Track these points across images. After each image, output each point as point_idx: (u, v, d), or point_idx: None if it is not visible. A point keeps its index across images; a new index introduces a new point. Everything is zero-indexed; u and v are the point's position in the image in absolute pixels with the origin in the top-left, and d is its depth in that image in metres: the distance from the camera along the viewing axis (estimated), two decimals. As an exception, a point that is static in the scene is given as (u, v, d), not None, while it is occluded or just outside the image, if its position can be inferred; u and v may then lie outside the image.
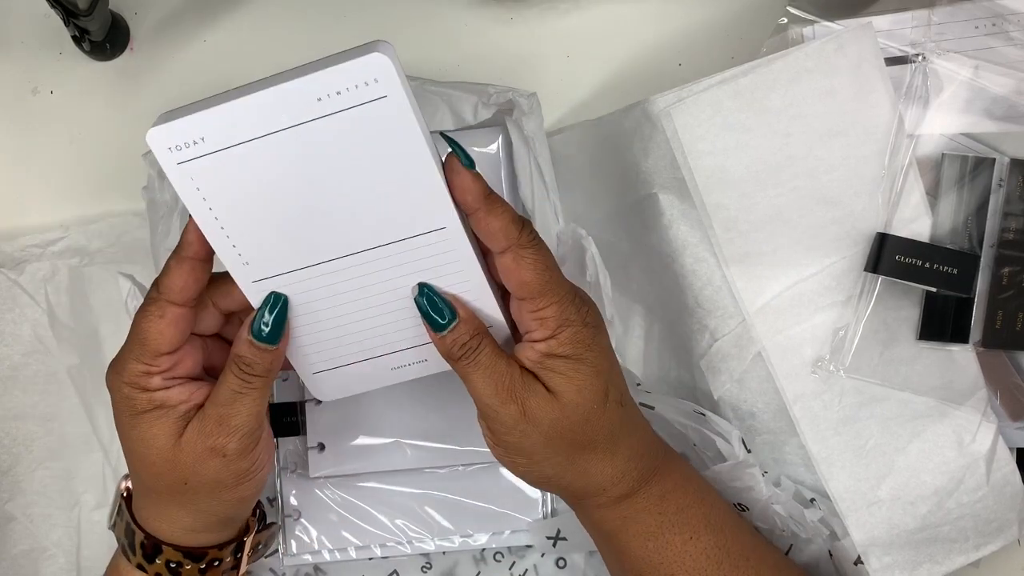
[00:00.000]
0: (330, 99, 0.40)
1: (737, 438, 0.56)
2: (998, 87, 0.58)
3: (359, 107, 0.41)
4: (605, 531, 0.51)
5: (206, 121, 0.41)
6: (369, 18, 0.67)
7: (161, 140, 0.41)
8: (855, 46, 0.55)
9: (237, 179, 0.42)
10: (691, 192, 0.55)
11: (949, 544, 0.57)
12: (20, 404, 0.63)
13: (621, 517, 0.50)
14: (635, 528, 0.50)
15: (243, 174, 0.42)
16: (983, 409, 0.57)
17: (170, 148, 0.41)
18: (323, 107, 0.41)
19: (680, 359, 0.61)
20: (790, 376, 0.56)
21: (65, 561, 0.62)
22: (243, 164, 0.42)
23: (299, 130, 0.41)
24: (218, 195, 0.43)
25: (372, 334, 0.48)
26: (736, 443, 0.56)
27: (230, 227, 0.44)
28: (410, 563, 0.63)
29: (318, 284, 0.46)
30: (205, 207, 0.43)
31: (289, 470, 0.63)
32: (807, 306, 0.56)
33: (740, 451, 0.56)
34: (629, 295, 0.63)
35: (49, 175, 0.66)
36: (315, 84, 0.40)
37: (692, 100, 0.55)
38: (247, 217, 0.43)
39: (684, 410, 0.58)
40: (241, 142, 0.41)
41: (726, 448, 0.56)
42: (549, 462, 0.47)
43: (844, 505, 0.56)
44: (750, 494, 0.56)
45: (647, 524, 0.50)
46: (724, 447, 0.56)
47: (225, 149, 0.41)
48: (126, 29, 0.66)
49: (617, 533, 0.50)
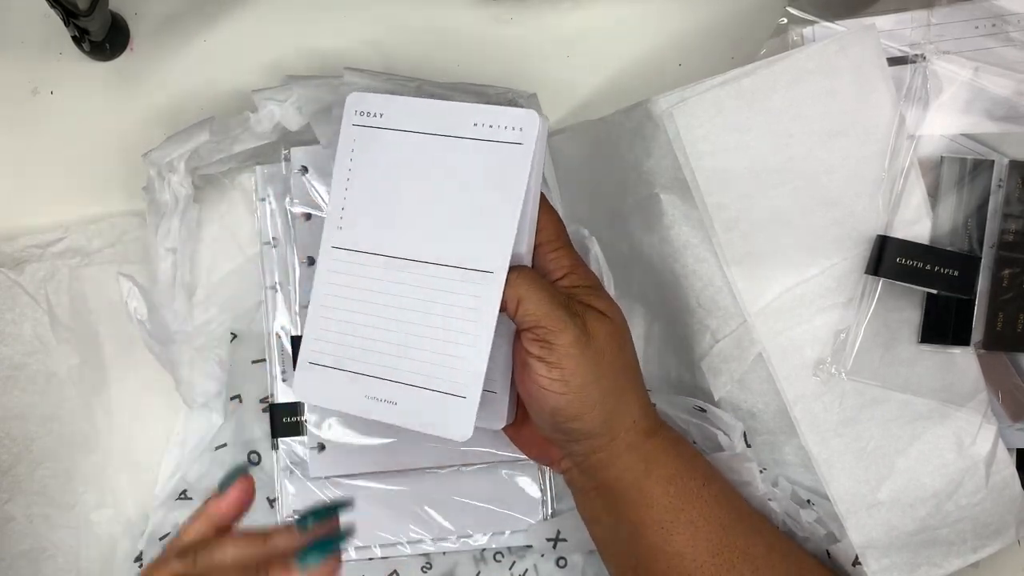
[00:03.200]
0: (482, 127, 0.49)
1: (739, 432, 0.56)
2: (998, 88, 0.58)
3: (497, 143, 0.49)
4: (626, 484, 0.51)
5: (391, 104, 0.51)
6: (369, 18, 0.67)
7: (356, 103, 0.52)
8: (857, 47, 0.55)
9: (382, 156, 0.51)
10: (692, 192, 0.55)
11: (947, 546, 0.57)
12: (20, 404, 0.63)
13: (645, 460, 0.51)
14: (658, 471, 0.51)
15: (387, 155, 0.51)
16: (983, 411, 0.57)
17: (357, 111, 0.51)
18: (474, 131, 0.49)
19: (681, 359, 0.61)
20: (791, 377, 0.56)
21: (65, 561, 0.62)
22: (392, 146, 0.51)
23: (447, 140, 0.50)
24: (362, 160, 0.51)
25: (373, 347, 0.51)
26: (737, 438, 0.56)
27: (352, 191, 0.51)
28: (410, 563, 0.63)
29: (371, 275, 0.51)
30: (347, 165, 0.52)
31: (289, 470, 0.63)
32: (808, 307, 0.56)
33: (740, 445, 0.56)
34: (630, 295, 0.63)
35: (49, 175, 0.66)
36: (480, 112, 0.49)
37: (694, 100, 0.55)
38: (366, 190, 0.51)
39: (685, 406, 0.59)
40: (403, 129, 0.50)
41: (726, 442, 0.56)
42: (598, 385, 0.49)
43: (844, 507, 0.56)
44: (747, 489, 0.56)
45: (668, 467, 0.51)
46: (724, 441, 0.56)
47: (389, 129, 0.51)
48: (126, 29, 0.66)
49: (640, 482, 0.51)
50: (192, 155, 0.61)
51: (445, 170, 0.50)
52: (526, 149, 0.48)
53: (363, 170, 0.51)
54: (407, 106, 0.51)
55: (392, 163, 0.51)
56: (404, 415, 0.50)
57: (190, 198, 0.62)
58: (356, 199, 0.52)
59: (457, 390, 0.49)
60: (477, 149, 0.49)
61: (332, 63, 0.67)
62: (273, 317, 0.63)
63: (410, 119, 0.51)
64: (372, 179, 0.51)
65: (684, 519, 0.51)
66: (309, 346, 0.52)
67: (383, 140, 0.51)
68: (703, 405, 0.58)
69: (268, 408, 0.63)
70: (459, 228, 0.49)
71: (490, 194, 0.49)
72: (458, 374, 0.49)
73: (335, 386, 0.51)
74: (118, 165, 0.66)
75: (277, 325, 0.63)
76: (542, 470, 0.63)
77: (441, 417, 0.49)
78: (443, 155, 0.50)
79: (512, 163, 0.49)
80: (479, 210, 0.49)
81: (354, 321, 0.51)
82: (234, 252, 0.65)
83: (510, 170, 0.49)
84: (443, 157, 0.50)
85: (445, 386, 0.49)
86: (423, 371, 0.49)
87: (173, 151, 0.60)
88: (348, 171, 0.52)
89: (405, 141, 0.51)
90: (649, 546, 0.51)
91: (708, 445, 0.58)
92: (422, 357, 0.49)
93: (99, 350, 0.64)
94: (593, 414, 0.49)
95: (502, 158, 0.49)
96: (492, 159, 0.49)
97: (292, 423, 0.62)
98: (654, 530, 0.51)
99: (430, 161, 0.50)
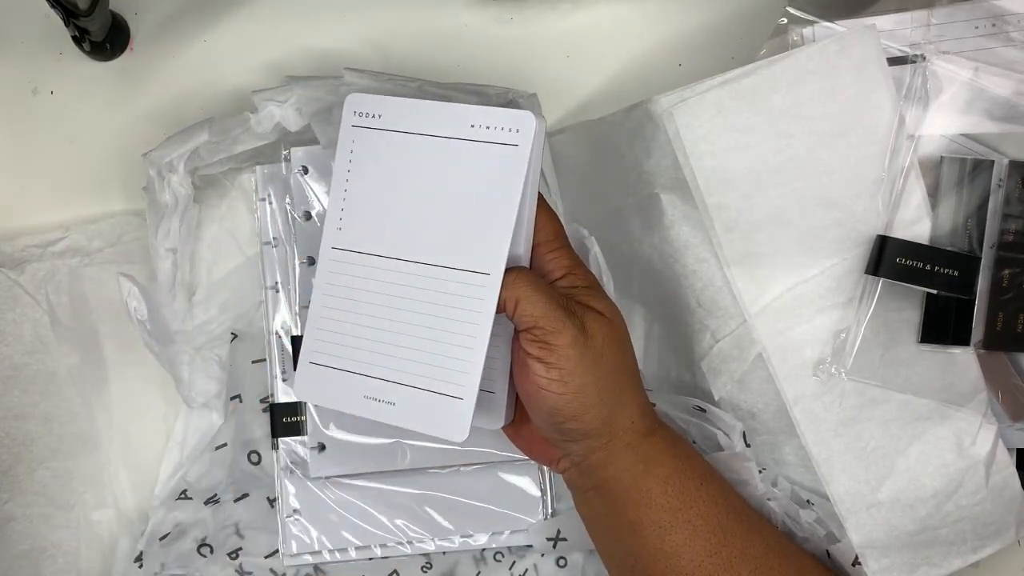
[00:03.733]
0: (479, 129, 0.49)
1: (738, 432, 0.56)
2: (998, 88, 0.58)
3: (494, 145, 0.49)
4: (625, 484, 0.51)
5: (389, 105, 0.51)
6: (369, 18, 0.67)
7: (354, 104, 0.52)
8: (858, 47, 0.55)
9: (380, 157, 0.51)
10: (693, 192, 0.55)
11: (947, 547, 0.57)
12: (20, 404, 0.63)
13: (643, 460, 0.51)
14: (657, 471, 0.51)
15: (385, 156, 0.51)
16: (983, 411, 0.57)
17: (356, 112, 0.52)
18: (471, 132, 0.49)
19: (681, 359, 0.61)
20: (791, 377, 0.56)
21: (65, 561, 0.62)
22: (390, 148, 0.51)
23: (444, 141, 0.50)
24: (361, 162, 0.52)
25: (372, 347, 0.51)
26: (736, 438, 0.56)
27: (351, 192, 0.52)
28: (410, 563, 0.63)
29: (371, 275, 0.51)
30: (346, 166, 0.52)
31: (289, 470, 0.63)
32: (808, 307, 0.56)
33: (739, 444, 0.56)
34: (630, 295, 0.63)
35: (49, 175, 0.66)
36: (476, 113, 0.49)
37: (695, 100, 0.55)
38: (365, 191, 0.51)
39: (684, 406, 0.59)
40: (401, 130, 0.51)
41: (726, 442, 0.56)
42: (596, 385, 0.49)
43: (844, 507, 0.56)
44: (745, 488, 0.56)
45: (666, 466, 0.51)
46: (724, 440, 0.56)
47: (388, 130, 0.51)
48: (126, 29, 0.66)
49: (638, 481, 0.51)
50: (192, 155, 0.61)
51: (442, 171, 0.50)
52: (522, 150, 0.48)
53: (362, 171, 0.52)
54: (404, 107, 0.51)
55: (390, 164, 0.51)
56: (402, 416, 0.50)
57: (190, 198, 0.62)
58: (355, 200, 0.52)
59: (453, 391, 0.49)
60: (474, 150, 0.49)
61: (332, 63, 0.67)
62: (273, 317, 0.63)
63: (407, 120, 0.51)
64: (371, 180, 0.51)
65: (682, 519, 0.51)
66: (310, 346, 0.52)
67: (381, 141, 0.51)
68: (703, 405, 0.58)
69: (268, 408, 0.63)
70: (456, 229, 0.49)
71: (487, 195, 0.49)
72: (454, 375, 0.49)
73: (335, 386, 0.51)
74: (118, 165, 0.66)
75: (277, 325, 0.63)
76: (542, 470, 0.63)
77: (438, 418, 0.49)
78: (440, 156, 0.50)
79: (508, 164, 0.49)
80: (476, 211, 0.49)
81: (353, 322, 0.51)
82: (234, 252, 0.65)
83: (507, 171, 0.49)
84: (440, 158, 0.50)
85: (442, 387, 0.49)
86: (420, 372, 0.50)
87: (173, 151, 0.60)
88: (347, 172, 0.52)
89: (403, 142, 0.51)
90: (647, 546, 0.51)
91: (708, 445, 0.58)
92: (419, 358, 0.50)
93: (99, 350, 0.64)
94: (591, 414, 0.49)
95: (499, 159, 0.49)
96: (489, 160, 0.49)
97: (292, 423, 0.62)
98: (652, 530, 0.51)
99: (427, 162, 0.50)
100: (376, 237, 0.51)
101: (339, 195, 0.52)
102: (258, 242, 0.64)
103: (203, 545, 0.63)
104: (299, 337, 0.62)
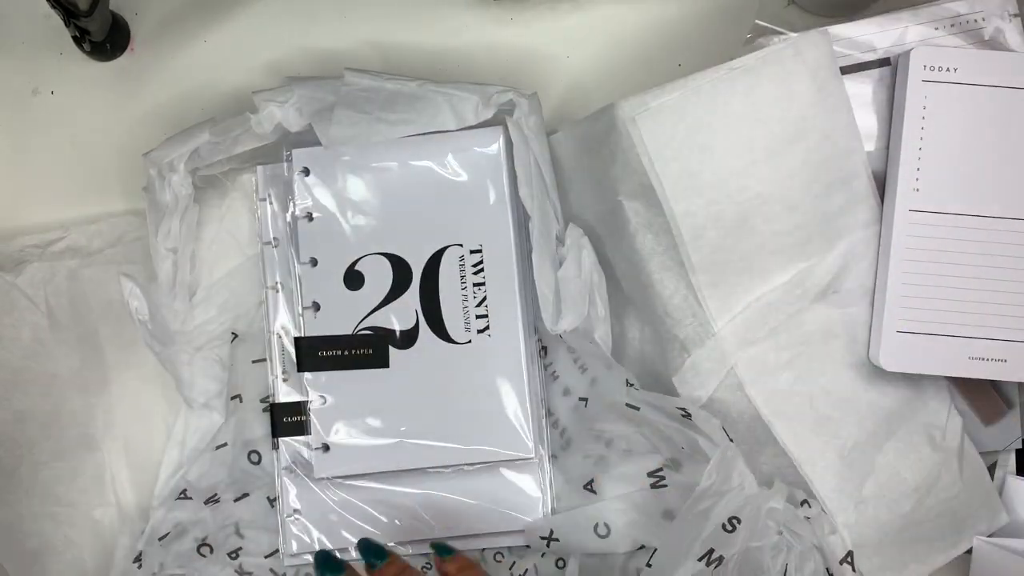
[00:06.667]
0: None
1: (717, 427, 0.56)
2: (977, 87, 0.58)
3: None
4: None
5: (963, 57, 0.51)
6: (369, 18, 0.67)
7: (921, 57, 0.51)
8: (812, 52, 0.55)
9: (962, 114, 0.49)
10: (660, 199, 0.55)
11: (930, 543, 0.57)
12: (22, 407, 0.63)
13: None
14: None
15: (970, 111, 0.49)
16: (947, 401, 0.58)
17: (925, 66, 0.51)
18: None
19: (665, 361, 0.61)
20: (758, 383, 0.56)
21: (72, 558, 0.62)
22: (975, 103, 0.50)
23: (1017, 93, 0.48)
24: (938, 120, 0.51)
25: (973, 308, 0.52)
26: (719, 437, 0.56)
27: (926, 152, 0.50)
28: (411, 563, 0.63)
29: (957, 235, 0.51)
30: (918, 125, 0.51)
31: (290, 470, 0.63)
32: (775, 314, 0.56)
33: (723, 441, 0.55)
34: (621, 295, 0.62)
35: (49, 175, 0.66)
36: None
37: (657, 106, 0.54)
38: (945, 149, 0.50)
39: (668, 410, 0.58)
40: (987, 84, 0.50)
41: (709, 447, 0.56)
42: None
43: (832, 504, 0.56)
44: (741, 494, 0.55)
45: None
46: (706, 445, 0.56)
47: (970, 85, 0.50)
48: (126, 29, 0.66)
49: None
50: (192, 155, 0.61)
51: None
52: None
53: (939, 128, 0.51)
54: (982, 59, 0.50)
55: (974, 120, 0.50)
56: (1014, 370, 0.51)
57: (190, 198, 0.62)
58: (931, 159, 0.51)
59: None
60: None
61: (332, 63, 0.67)
62: (273, 317, 0.63)
63: (991, 72, 0.50)
64: (952, 138, 0.51)
65: None
66: (896, 314, 0.52)
67: (961, 96, 0.50)
68: (687, 410, 0.57)
69: (268, 408, 0.63)
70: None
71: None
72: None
73: (932, 351, 0.52)
74: (118, 165, 0.66)
75: (278, 325, 0.63)
76: (543, 470, 0.63)
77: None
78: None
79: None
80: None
81: (945, 285, 0.52)
82: (234, 252, 0.65)
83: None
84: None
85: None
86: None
87: (173, 151, 0.60)
88: (920, 129, 0.51)
89: (986, 96, 0.50)
90: None
91: (693, 451, 0.58)
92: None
93: (99, 351, 0.64)
94: None
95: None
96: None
97: (295, 423, 0.62)
98: None
99: (1012, 117, 0.50)
100: (959, 195, 0.51)
101: (912, 154, 0.51)
102: (258, 242, 0.64)
103: (203, 545, 0.63)
104: (301, 338, 0.62)
